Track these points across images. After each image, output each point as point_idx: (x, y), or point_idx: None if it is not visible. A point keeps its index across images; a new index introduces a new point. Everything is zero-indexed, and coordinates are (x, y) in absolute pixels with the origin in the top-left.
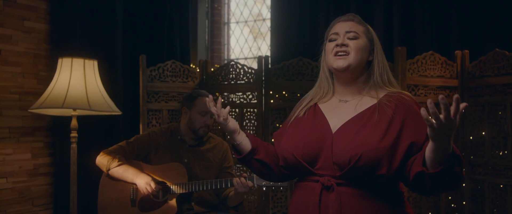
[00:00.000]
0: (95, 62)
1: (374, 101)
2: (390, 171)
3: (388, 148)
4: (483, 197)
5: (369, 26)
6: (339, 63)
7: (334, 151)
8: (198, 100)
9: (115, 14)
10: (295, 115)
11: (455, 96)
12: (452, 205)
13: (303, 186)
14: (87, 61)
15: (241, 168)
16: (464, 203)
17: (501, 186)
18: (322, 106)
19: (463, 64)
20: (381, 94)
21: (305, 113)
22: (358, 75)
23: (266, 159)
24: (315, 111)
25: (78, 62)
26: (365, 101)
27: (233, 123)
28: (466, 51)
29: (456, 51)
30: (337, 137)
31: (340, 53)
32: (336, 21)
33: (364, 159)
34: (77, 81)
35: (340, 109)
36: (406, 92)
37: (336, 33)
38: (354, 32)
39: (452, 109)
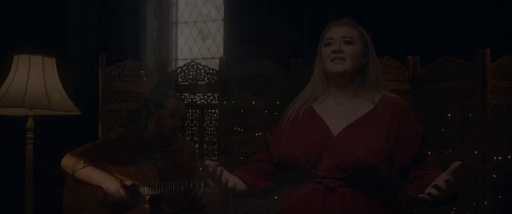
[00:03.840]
0: (54, 60)
1: (371, 105)
2: (390, 173)
3: (390, 152)
4: None
5: (363, 30)
6: (336, 68)
7: (338, 155)
8: (168, 102)
9: (66, 11)
10: (293, 116)
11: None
12: (401, 202)
13: (303, 187)
14: (46, 58)
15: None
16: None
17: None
18: (318, 109)
19: (415, 69)
20: (377, 97)
21: (302, 114)
22: (354, 78)
23: (265, 184)
24: (311, 113)
25: (36, 59)
26: (363, 105)
27: (232, 181)
28: (417, 56)
29: (408, 57)
30: (339, 140)
31: (336, 60)
32: (331, 25)
33: (368, 163)
34: (36, 79)
35: (338, 113)
36: (399, 97)
37: (332, 38)
38: (350, 37)
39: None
